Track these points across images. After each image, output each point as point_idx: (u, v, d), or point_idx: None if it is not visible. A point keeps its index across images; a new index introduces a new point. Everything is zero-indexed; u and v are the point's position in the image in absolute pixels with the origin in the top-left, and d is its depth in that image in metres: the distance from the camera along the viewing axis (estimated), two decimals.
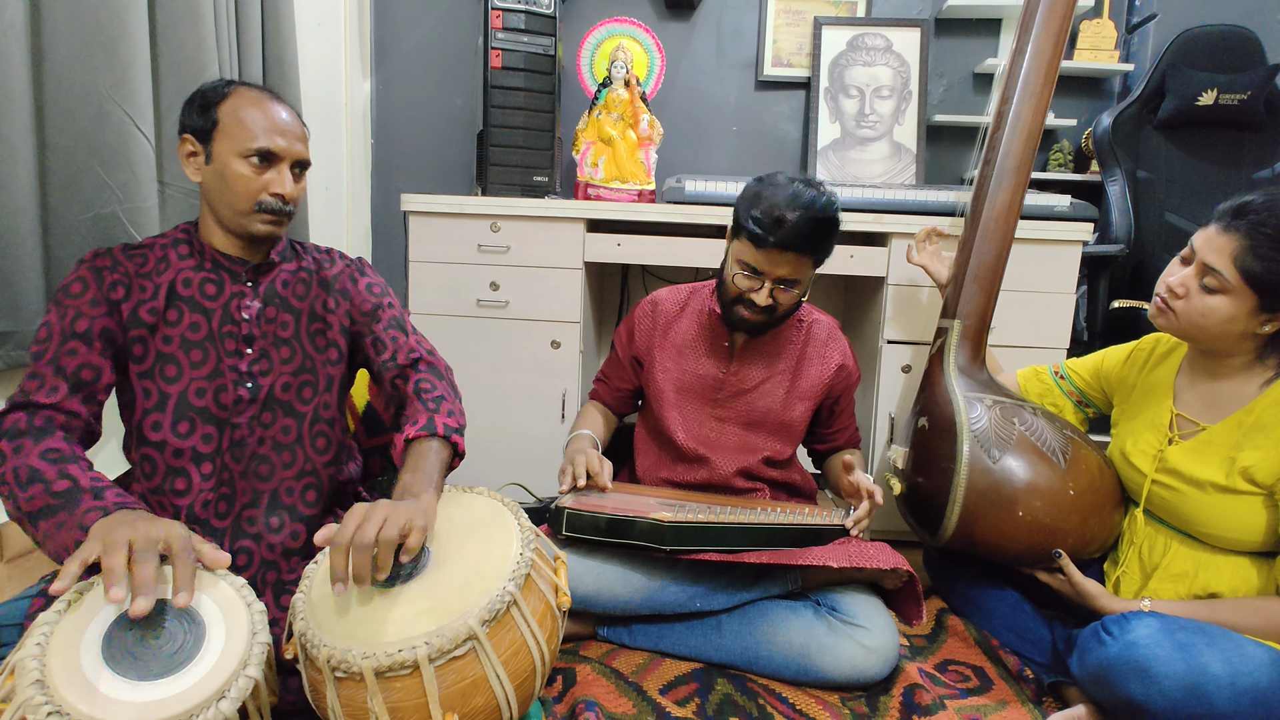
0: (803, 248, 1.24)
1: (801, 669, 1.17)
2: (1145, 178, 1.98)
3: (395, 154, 2.31)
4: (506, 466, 1.81)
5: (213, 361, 1.03)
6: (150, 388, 1.01)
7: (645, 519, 1.17)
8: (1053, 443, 1.24)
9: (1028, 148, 1.43)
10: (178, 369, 1.02)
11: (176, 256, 1.05)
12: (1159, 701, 0.93)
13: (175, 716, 0.68)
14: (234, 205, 1.02)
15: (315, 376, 1.10)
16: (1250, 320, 1.06)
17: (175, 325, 1.02)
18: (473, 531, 0.90)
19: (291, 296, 1.10)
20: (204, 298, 1.04)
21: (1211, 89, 1.90)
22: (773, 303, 1.29)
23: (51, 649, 0.70)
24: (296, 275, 1.12)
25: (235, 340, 1.05)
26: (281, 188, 1.02)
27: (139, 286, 1.02)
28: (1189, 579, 1.12)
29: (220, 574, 0.83)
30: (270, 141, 1.01)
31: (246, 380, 1.05)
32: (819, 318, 1.47)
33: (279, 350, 1.07)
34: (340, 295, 1.14)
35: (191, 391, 1.02)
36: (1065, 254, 1.69)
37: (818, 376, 1.43)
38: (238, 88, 1.03)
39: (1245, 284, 1.03)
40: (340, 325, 1.13)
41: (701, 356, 1.44)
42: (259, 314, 1.07)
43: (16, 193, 1.17)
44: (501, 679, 0.80)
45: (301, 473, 1.08)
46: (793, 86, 2.22)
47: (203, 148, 1.02)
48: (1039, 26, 1.44)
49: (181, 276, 1.04)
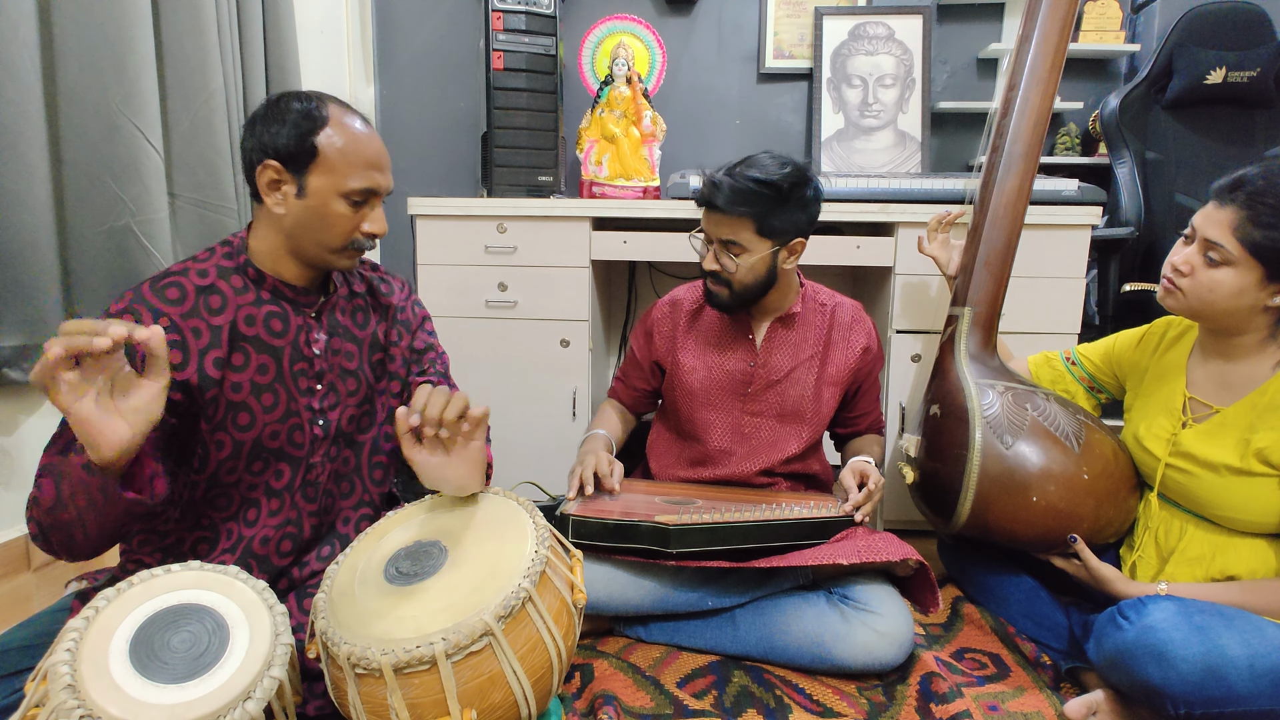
0: (736, 207, 1.24)
1: (817, 657, 1.17)
2: (1154, 159, 1.96)
3: (400, 158, 2.32)
4: (519, 465, 1.82)
5: (284, 402, 0.96)
6: (224, 439, 0.94)
7: (649, 523, 1.18)
8: (1066, 428, 1.23)
9: (1036, 134, 1.42)
10: (250, 416, 0.94)
11: (231, 290, 0.94)
12: (1177, 684, 0.93)
13: (203, 717, 0.70)
14: (326, 243, 0.93)
15: (374, 406, 1.06)
16: (1259, 292, 1.05)
17: (243, 370, 0.94)
18: (488, 530, 0.91)
19: (352, 325, 1.04)
20: (270, 335, 0.95)
21: (1220, 67, 1.88)
22: (718, 267, 1.29)
23: (81, 654, 0.72)
24: (353, 301, 1.06)
25: (307, 378, 0.98)
26: (377, 226, 0.95)
27: (192, 331, 0.90)
28: (1206, 562, 1.11)
29: (243, 577, 0.84)
30: (372, 180, 0.93)
31: (319, 418, 0.99)
32: (842, 301, 1.46)
33: (345, 382, 1.02)
34: (403, 326, 1.10)
35: (265, 435, 0.96)
36: (1074, 238, 1.67)
37: (844, 361, 1.42)
38: (331, 108, 0.91)
39: (1249, 254, 1.03)
40: (402, 357, 1.09)
41: (727, 351, 1.42)
42: (326, 346, 1.00)
43: (35, 208, 1.19)
44: (518, 675, 0.81)
45: (360, 503, 1.07)
46: (795, 78, 2.21)
47: (294, 178, 0.90)
48: (1045, 11, 1.43)
49: (243, 314, 0.94)
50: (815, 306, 1.43)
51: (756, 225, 1.26)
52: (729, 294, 1.33)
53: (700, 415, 1.42)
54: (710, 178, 1.27)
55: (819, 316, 1.43)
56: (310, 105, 0.91)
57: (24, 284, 1.20)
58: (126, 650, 0.73)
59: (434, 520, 0.94)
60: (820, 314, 1.43)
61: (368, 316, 1.06)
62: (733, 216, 1.25)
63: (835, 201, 1.73)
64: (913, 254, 1.66)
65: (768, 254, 1.29)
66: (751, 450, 1.41)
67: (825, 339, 1.42)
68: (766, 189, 1.23)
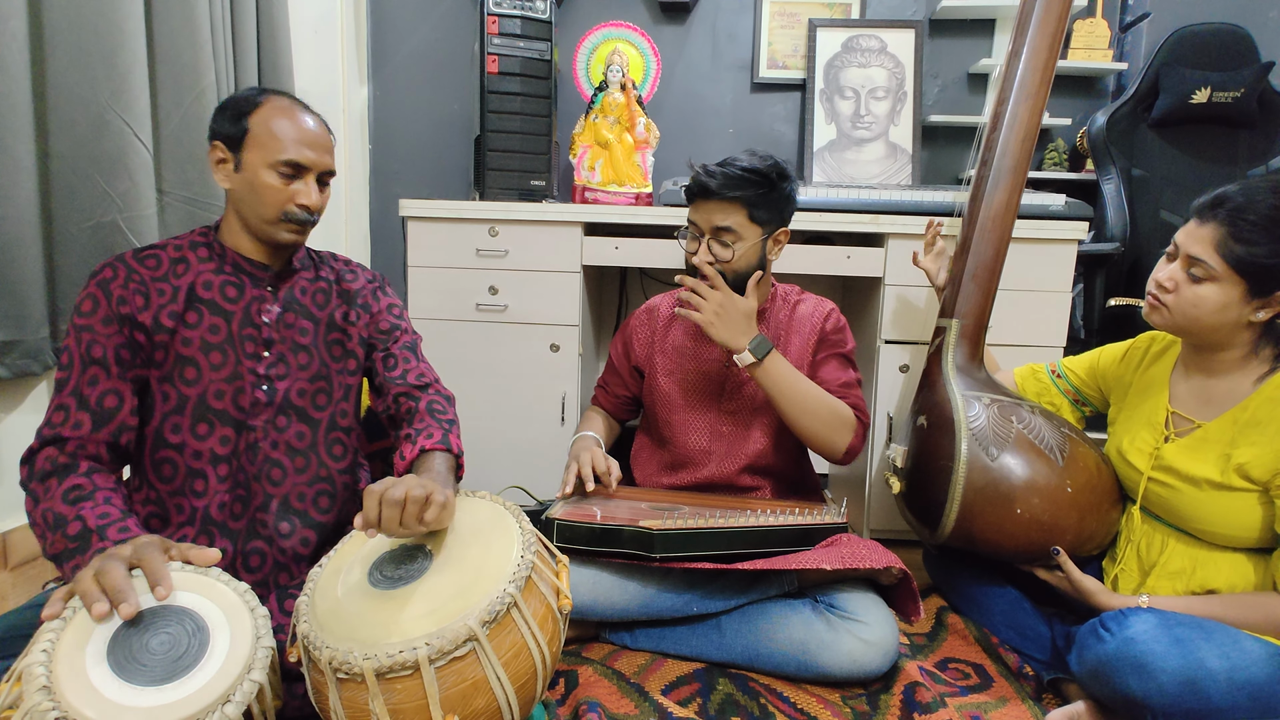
0: (730, 192, 1.28)
1: (802, 665, 1.17)
2: (1140, 176, 1.99)
3: (393, 159, 2.31)
4: (507, 469, 1.81)
5: (231, 363, 1.04)
6: (169, 391, 1.02)
7: (632, 528, 1.18)
8: (1050, 440, 1.24)
9: (1024, 148, 1.44)
10: (197, 371, 1.02)
11: (196, 259, 1.06)
12: (1157, 697, 0.94)
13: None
14: (261, 214, 1.03)
15: (330, 384, 1.12)
16: (1243, 307, 1.06)
17: (195, 328, 1.03)
18: (474, 535, 0.91)
19: (311, 304, 1.12)
20: (225, 300, 1.05)
21: (1205, 87, 1.91)
22: (711, 259, 1.31)
23: (58, 655, 0.71)
24: (315, 284, 1.13)
25: (255, 343, 1.06)
26: (308, 199, 1.04)
27: (157, 290, 1.02)
28: (1186, 576, 1.12)
29: (224, 579, 0.83)
30: (299, 154, 1.02)
31: (263, 383, 1.05)
32: (808, 297, 1.48)
33: (296, 355, 1.09)
34: (362, 309, 1.16)
35: (210, 393, 1.03)
36: (1061, 253, 1.69)
37: (804, 341, 1.42)
38: (269, 97, 1.04)
39: (1231, 270, 1.05)
40: (359, 337, 1.15)
41: (702, 354, 1.45)
42: (278, 318, 1.08)
43: (20, 203, 1.18)
44: (502, 681, 0.80)
45: (315, 479, 1.09)
46: (788, 88, 2.23)
47: (233, 155, 1.03)
48: (1035, 28, 1.45)
49: (202, 279, 1.05)
50: (781, 303, 1.46)
51: (748, 211, 1.30)
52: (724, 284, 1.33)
53: (678, 418, 1.44)
54: (703, 167, 1.31)
55: (783, 311, 1.46)
56: (251, 93, 1.05)
57: (8, 279, 1.18)
58: (104, 652, 0.72)
59: None
60: (785, 307, 1.46)
61: (329, 299, 1.14)
62: (726, 202, 1.29)
63: (826, 211, 1.74)
64: (902, 265, 1.68)
65: (758, 241, 1.33)
66: (730, 449, 1.42)
67: (786, 326, 1.44)
68: (756, 175, 1.28)
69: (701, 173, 1.31)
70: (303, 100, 1.09)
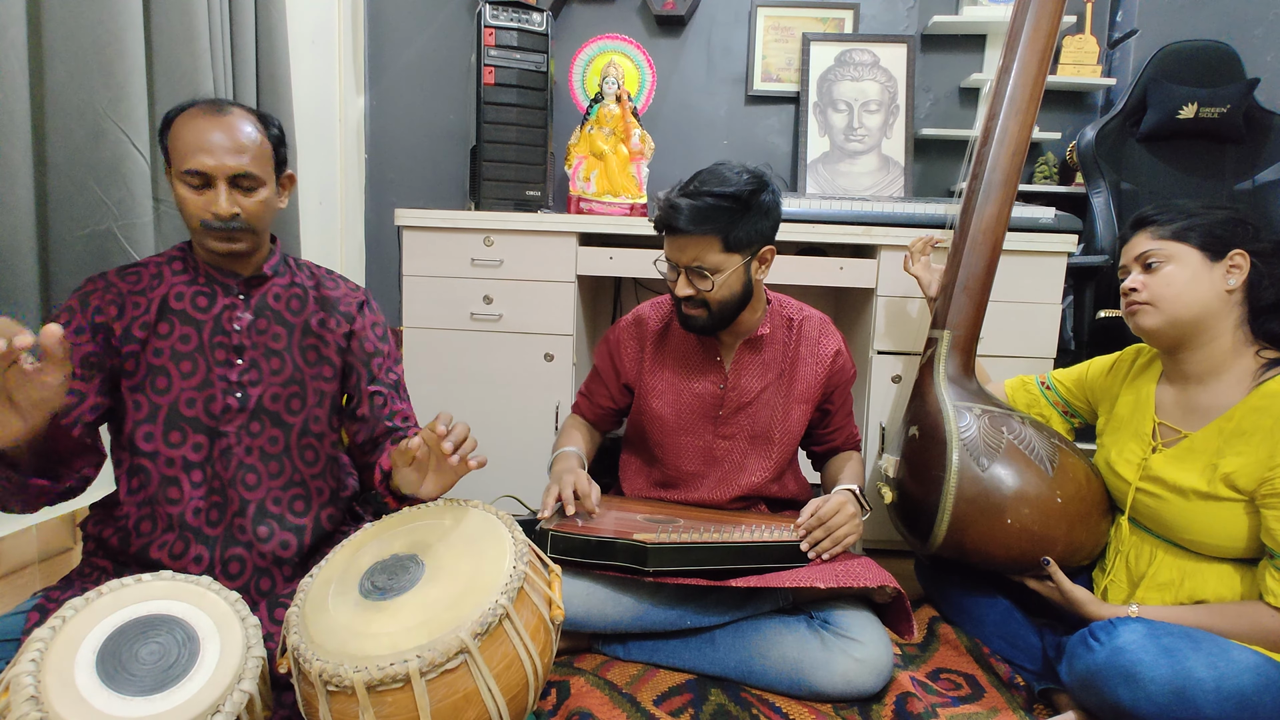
0: (698, 227, 1.19)
1: (795, 683, 1.17)
2: (1129, 189, 2.01)
3: (389, 169, 2.32)
4: (500, 479, 1.81)
5: (202, 372, 1.05)
6: (141, 400, 1.03)
7: (627, 540, 1.17)
8: (1041, 451, 1.25)
9: (1014, 162, 1.46)
10: (168, 380, 1.03)
11: (170, 272, 1.07)
12: (1146, 706, 0.95)
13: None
14: (189, 225, 1.04)
15: (304, 390, 1.12)
16: (1212, 274, 1.11)
17: (166, 338, 1.04)
18: (466, 545, 0.91)
19: (285, 310, 1.12)
20: (196, 310, 1.06)
21: (1192, 103, 1.94)
22: (693, 292, 1.25)
23: (46, 665, 0.70)
24: (290, 289, 1.13)
25: (226, 350, 1.06)
26: (216, 207, 1.00)
27: (132, 304, 1.04)
28: (1175, 587, 1.13)
29: (215, 588, 0.83)
30: (196, 161, 0.99)
31: (236, 390, 1.06)
32: (809, 314, 1.42)
33: (269, 361, 1.09)
34: (343, 317, 1.16)
35: (182, 402, 1.04)
36: (1051, 265, 1.71)
37: (813, 375, 1.38)
38: (189, 108, 1.03)
39: (1177, 242, 1.13)
40: (337, 345, 1.15)
41: (696, 374, 1.39)
42: (250, 325, 1.08)
43: (16, 210, 1.18)
44: (494, 692, 0.80)
45: (290, 483, 1.10)
46: (782, 101, 2.25)
47: (169, 171, 1.04)
48: (1025, 44, 1.47)
49: (174, 291, 1.06)
50: (781, 323, 1.39)
51: (723, 242, 1.21)
52: (708, 315, 1.28)
53: (671, 440, 1.40)
54: (667, 200, 1.22)
55: (785, 333, 1.39)
56: (181, 104, 1.04)
57: (3, 286, 1.18)
58: (93, 661, 0.72)
59: (411, 533, 0.94)
60: (786, 330, 1.39)
61: (304, 304, 1.13)
62: (697, 236, 1.21)
63: (819, 223, 1.75)
64: (894, 276, 1.69)
65: (740, 267, 1.24)
66: (724, 475, 1.39)
67: (793, 354, 1.38)
68: (727, 201, 1.19)
69: (666, 205, 1.21)
70: (240, 103, 1.07)
